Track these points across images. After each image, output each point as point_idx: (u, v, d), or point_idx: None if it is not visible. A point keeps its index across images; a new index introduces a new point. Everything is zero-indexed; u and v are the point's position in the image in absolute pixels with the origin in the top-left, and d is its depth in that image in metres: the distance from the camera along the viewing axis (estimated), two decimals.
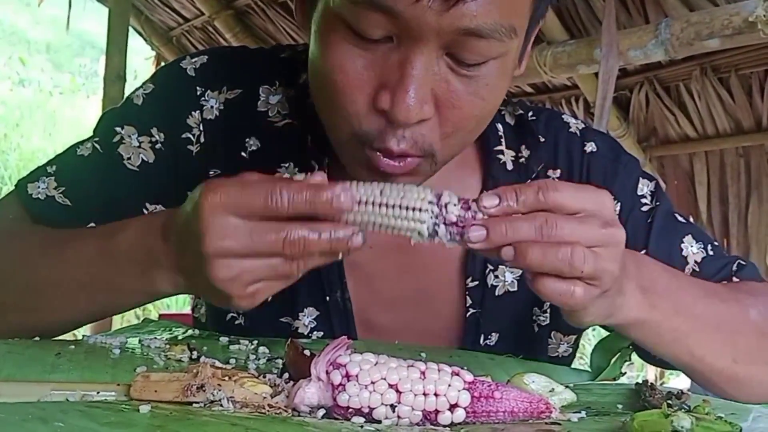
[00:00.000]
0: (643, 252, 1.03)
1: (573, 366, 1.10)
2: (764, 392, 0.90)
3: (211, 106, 1.02)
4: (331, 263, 0.99)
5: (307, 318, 1.02)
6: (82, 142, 1.05)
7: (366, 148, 0.82)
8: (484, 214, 0.71)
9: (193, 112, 1.02)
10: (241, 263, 0.71)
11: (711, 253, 1.04)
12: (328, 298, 1.01)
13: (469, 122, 0.84)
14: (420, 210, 0.72)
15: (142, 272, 0.82)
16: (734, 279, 1.03)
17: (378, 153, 0.82)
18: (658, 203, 1.06)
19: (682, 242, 1.03)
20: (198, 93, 1.02)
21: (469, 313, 1.02)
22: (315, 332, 1.03)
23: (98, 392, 0.71)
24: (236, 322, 1.04)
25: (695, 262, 1.03)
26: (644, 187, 1.07)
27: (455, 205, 0.72)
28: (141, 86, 1.06)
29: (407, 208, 0.72)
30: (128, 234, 0.84)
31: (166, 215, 0.81)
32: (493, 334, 1.03)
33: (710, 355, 0.89)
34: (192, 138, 1.02)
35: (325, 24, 0.81)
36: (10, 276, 0.93)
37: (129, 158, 1.01)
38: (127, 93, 1.08)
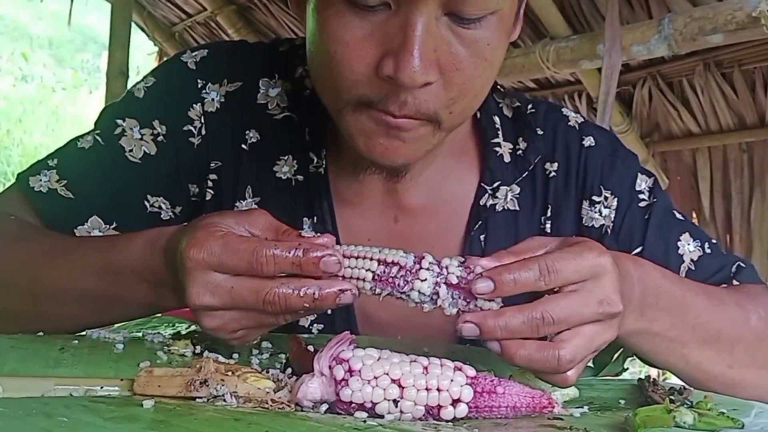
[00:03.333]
0: (639, 249, 1.02)
1: None
2: (759, 394, 0.89)
3: (212, 99, 1.03)
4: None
5: None
6: (82, 136, 1.05)
7: (369, 110, 0.82)
8: (477, 297, 0.70)
9: (194, 105, 1.02)
10: (225, 314, 0.73)
11: (708, 251, 1.03)
12: None
13: (473, 84, 0.84)
14: (420, 269, 0.71)
15: (148, 289, 0.84)
16: (734, 282, 1.03)
17: (382, 112, 0.82)
18: (655, 199, 1.05)
19: (679, 239, 1.03)
20: (199, 86, 1.03)
21: None
22: (315, 325, 1.03)
23: (102, 387, 0.71)
24: None
25: (691, 260, 1.03)
26: (642, 183, 1.06)
27: (456, 266, 0.72)
28: (142, 80, 1.06)
29: (406, 268, 0.72)
30: (133, 251, 0.84)
31: (166, 239, 0.81)
32: None
33: (706, 362, 0.89)
34: (193, 130, 1.02)
35: (320, 1, 0.81)
36: (13, 282, 0.92)
37: (131, 150, 1.01)
38: (126, 90, 1.08)
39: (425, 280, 0.71)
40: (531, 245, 0.75)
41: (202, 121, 1.02)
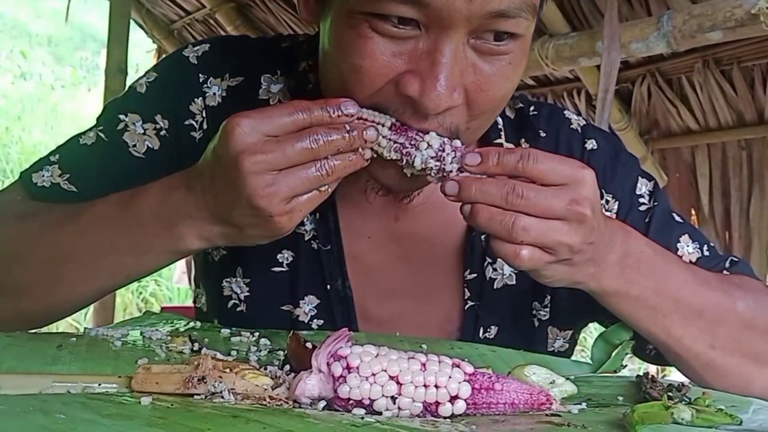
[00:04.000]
0: None
1: (575, 358, 1.10)
2: (743, 384, 0.90)
3: (214, 93, 1.03)
4: (333, 251, 1.00)
5: (307, 306, 1.02)
6: (84, 132, 1.05)
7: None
8: (465, 169, 0.79)
9: (195, 99, 1.02)
10: (276, 177, 0.78)
11: (706, 253, 1.04)
12: (328, 286, 1.02)
13: (495, 103, 0.86)
14: (422, 141, 0.81)
15: (168, 229, 0.85)
16: (725, 273, 1.03)
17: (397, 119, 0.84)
18: (656, 203, 1.06)
19: (679, 242, 1.04)
20: (200, 80, 1.03)
21: (467, 306, 1.03)
22: (315, 320, 1.03)
23: (100, 384, 0.71)
24: (237, 309, 1.05)
25: (690, 261, 1.03)
26: (643, 187, 1.07)
27: (449, 153, 0.81)
28: (144, 75, 1.06)
29: (413, 136, 0.81)
30: (150, 194, 0.87)
31: (185, 171, 0.86)
32: (492, 327, 1.04)
33: (687, 337, 0.90)
34: (195, 124, 1.02)
35: (345, 20, 0.81)
36: (27, 255, 0.93)
37: (134, 145, 1.01)
38: (128, 86, 1.08)
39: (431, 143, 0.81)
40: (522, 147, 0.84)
41: (204, 115, 1.02)
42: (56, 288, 0.92)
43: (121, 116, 1.02)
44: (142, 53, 5.43)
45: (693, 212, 3.06)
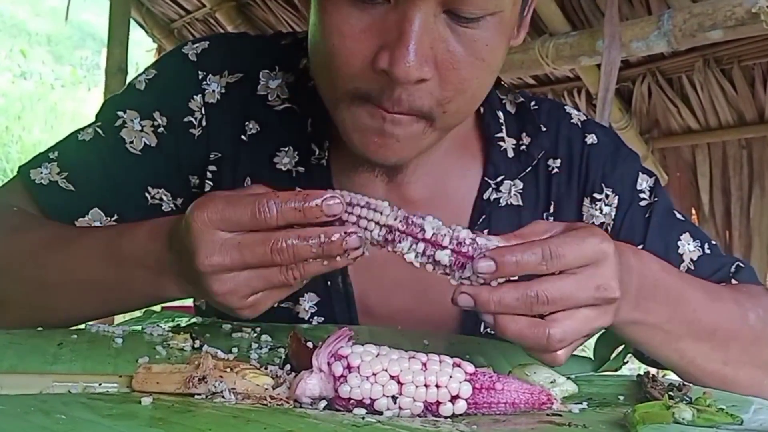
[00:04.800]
0: (639, 247, 1.02)
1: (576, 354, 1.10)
2: (754, 393, 0.89)
3: (213, 90, 1.03)
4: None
5: (307, 303, 1.02)
6: (83, 128, 1.05)
7: (365, 104, 0.83)
8: (478, 276, 0.71)
9: (194, 96, 1.02)
10: (235, 277, 0.73)
11: (708, 251, 1.04)
12: (329, 283, 1.02)
13: (469, 84, 0.84)
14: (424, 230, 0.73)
15: (151, 277, 0.83)
16: (733, 281, 1.03)
17: (376, 107, 0.82)
18: (656, 199, 1.06)
19: (679, 239, 1.03)
20: (200, 77, 1.03)
21: None
22: (316, 317, 1.03)
23: (100, 384, 0.71)
24: None
25: (691, 260, 1.03)
26: (643, 183, 1.07)
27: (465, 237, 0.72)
28: (143, 72, 1.06)
29: (411, 222, 0.73)
30: (136, 239, 0.85)
31: (169, 224, 0.82)
32: None
33: (701, 358, 0.89)
34: (194, 121, 1.02)
35: None
36: (16, 271, 0.92)
37: (131, 142, 1.01)
38: (127, 83, 1.08)
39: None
40: (536, 229, 0.76)
41: (203, 112, 1.02)
42: (43, 310, 0.91)
43: (120, 113, 1.02)
44: (143, 52, 5.44)
45: (693, 211, 3.06)
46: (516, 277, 0.72)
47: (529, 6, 0.91)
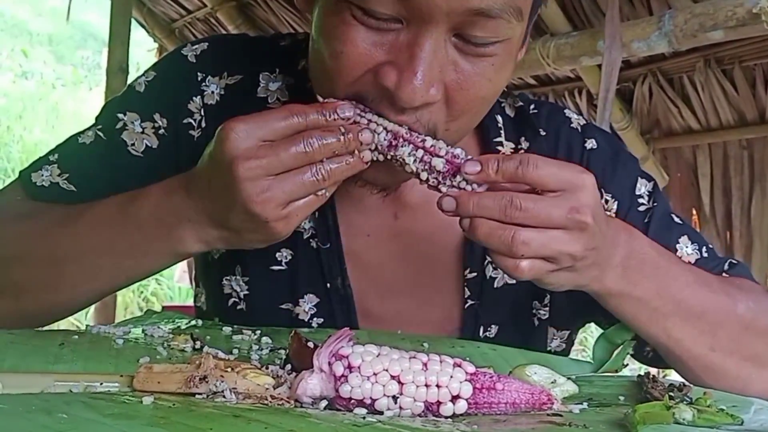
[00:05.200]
0: None
1: (576, 357, 1.10)
2: (740, 386, 0.90)
3: (212, 92, 1.03)
4: (332, 249, 1.00)
5: (307, 305, 1.03)
6: (83, 131, 1.05)
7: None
8: (465, 178, 0.78)
9: (194, 98, 1.02)
10: (272, 183, 0.77)
11: (705, 255, 1.04)
12: (328, 285, 1.02)
13: (475, 104, 0.85)
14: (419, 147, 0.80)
15: (168, 232, 0.85)
16: (724, 275, 1.03)
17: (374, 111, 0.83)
18: (655, 204, 1.06)
19: (678, 243, 1.04)
20: (199, 79, 1.03)
21: (467, 305, 1.02)
22: (315, 319, 1.03)
23: (101, 383, 0.71)
24: (238, 307, 1.05)
25: (689, 263, 1.03)
26: (642, 187, 1.07)
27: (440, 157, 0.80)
28: (143, 74, 1.06)
29: (410, 142, 0.80)
30: (150, 196, 0.87)
31: (184, 174, 0.86)
32: (493, 326, 1.04)
33: (688, 339, 0.90)
34: (194, 123, 1.02)
35: (331, 6, 0.81)
36: (29, 253, 0.93)
37: (133, 144, 1.01)
38: (127, 85, 1.08)
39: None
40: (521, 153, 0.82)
41: (202, 113, 1.02)
42: (56, 288, 0.92)
43: (120, 115, 1.02)
44: (144, 52, 5.44)
45: (694, 212, 3.06)
46: None
47: (531, 24, 0.91)
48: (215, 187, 0.80)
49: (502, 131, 1.06)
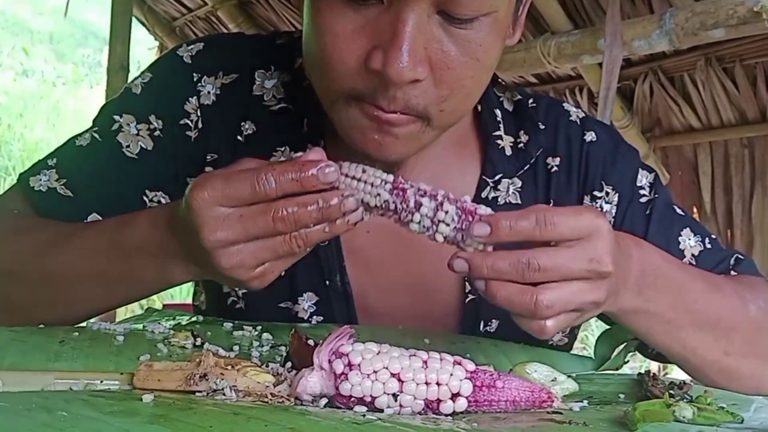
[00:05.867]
0: None
1: (576, 353, 1.10)
2: (755, 385, 0.90)
3: (208, 92, 1.03)
4: (331, 246, 1.00)
5: (306, 302, 1.03)
6: (81, 134, 1.05)
7: (360, 104, 0.83)
8: (473, 240, 0.73)
9: (190, 98, 1.02)
10: (241, 249, 0.73)
11: (708, 246, 1.04)
12: (327, 282, 1.02)
13: (464, 84, 0.84)
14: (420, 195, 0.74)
15: (156, 264, 0.84)
16: (732, 273, 1.03)
17: (372, 106, 0.82)
18: (656, 195, 1.05)
19: (680, 235, 1.03)
20: (195, 79, 1.03)
21: (467, 300, 1.02)
22: (315, 317, 1.03)
23: (102, 381, 0.71)
24: (237, 306, 1.05)
25: (692, 255, 1.03)
26: (643, 179, 1.06)
27: (449, 212, 0.74)
28: (139, 76, 1.07)
29: (401, 189, 0.74)
30: (138, 228, 0.85)
31: (169, 209, 0.83)
32: (493, 320, 1.04)
33: (702, 347, 0.89)
34: (190, 124, 1.02)
35: None
36: (20, 271, 0.93)
37: (128, 146, 1.01)
38: (124, 87, 1.08)
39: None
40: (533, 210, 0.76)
41: (199, 114, 1.02)
42: (49, 307, 0.92)
43: (116, 117, 1.02)
44: (144, 50, 5.43)
45: (695, 210, 3.06)
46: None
47: (524, 5, 0.91)
48: (190, 242, 0.76)
49: (501, 125, 1.06)
